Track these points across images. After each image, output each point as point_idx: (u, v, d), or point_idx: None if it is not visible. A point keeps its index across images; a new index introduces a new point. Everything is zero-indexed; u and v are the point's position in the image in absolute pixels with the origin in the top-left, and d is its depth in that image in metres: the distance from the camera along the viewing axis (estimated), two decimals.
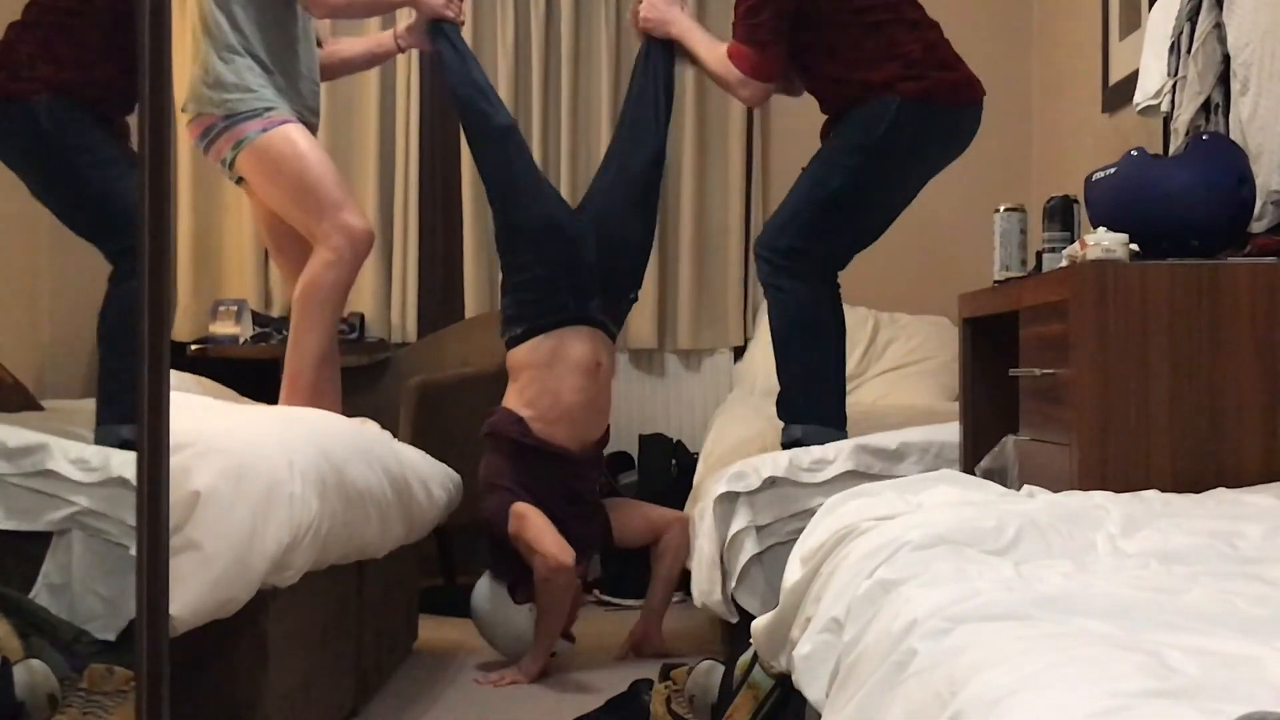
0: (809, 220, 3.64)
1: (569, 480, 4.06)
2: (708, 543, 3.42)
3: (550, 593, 3.83)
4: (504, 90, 5.60)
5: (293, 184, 3.77)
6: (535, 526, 3.84)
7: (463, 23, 4.14)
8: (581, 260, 4.04)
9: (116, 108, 3.45)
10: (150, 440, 1.95)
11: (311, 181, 3.75)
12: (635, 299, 4.29)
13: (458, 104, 4.19)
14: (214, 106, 3.73)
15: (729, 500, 3.39)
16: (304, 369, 3.75)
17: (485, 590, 4.02)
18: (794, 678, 2.04)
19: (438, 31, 4.09)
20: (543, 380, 4.02)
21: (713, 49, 3.91)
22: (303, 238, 3.90)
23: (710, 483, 3.62)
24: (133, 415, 3.05)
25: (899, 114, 3.60)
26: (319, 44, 4.08)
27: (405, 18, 4.16)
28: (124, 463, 2.71)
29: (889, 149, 3.62)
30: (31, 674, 2.54)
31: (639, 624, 4.11)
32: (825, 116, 3.81)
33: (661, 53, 4.10)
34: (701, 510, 3.52)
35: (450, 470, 4.15)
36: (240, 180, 3.86)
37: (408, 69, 5.64)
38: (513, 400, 4.06)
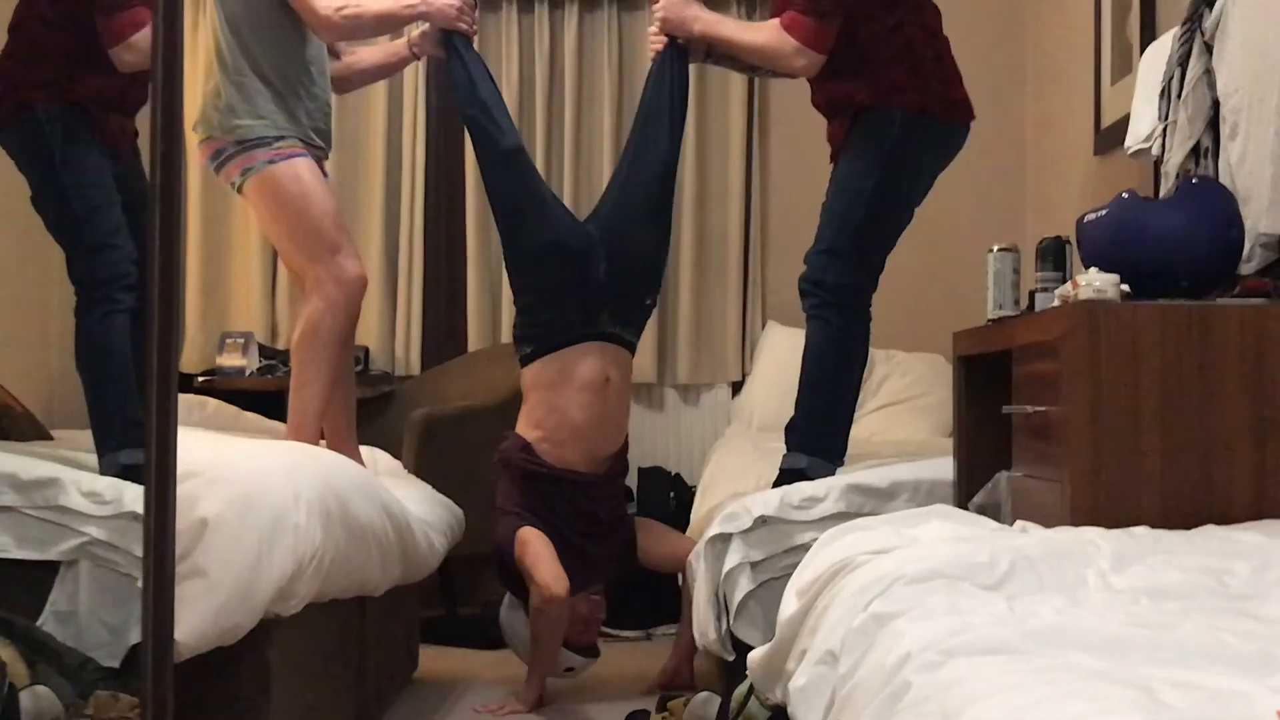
0: (847, 251, 3.61)
1: (579, 501, 4.02)
2: (703, 583, 3.40)
3: (542, 623, 3.81)
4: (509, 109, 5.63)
5: (292, 223, 3.76)
6: (534, 553, 3.82)
7: (475, 33, 4.11)
8: (589, 277, 3.99)
9: (117, 112, 3.45)
10: (158, 470, 1.95)
11: (311, 222, 3.73)
12: (653, 304, 4.24)
13: (466, 124, 4.17)
14: (225, 132, 3.71)
15: (722, 541, 3.37)
16: (306, 421, 3.71)
17: (506, 610, 4.04)
18: (789, 710, 2.04)
19: (449, 43, 4.05)
20: (550, 400, 3.99)
21: (752, 29, 3.85)
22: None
23: (707, 522, 3.62)
24: (128, 440, 3.07)
25: (902, 127, 3.59)
26: (337, 55, 4.07)
27: (417, 25, 4.16)
28: (135, 497, 2.71)
29: (898, 162, 3.60)
30: (37, 700, 2.54)
31: (671, 659, 4.04)
32: (827, 155, 3.80)
33: (676, 60, 4.01)
34: (697, 551, 3.50)
35: (454, 508, 4.14)
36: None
37: (414, 104, 5.66)
38: (523, 423, 4.04)
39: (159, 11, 1.85)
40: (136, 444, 2.94)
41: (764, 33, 3.74)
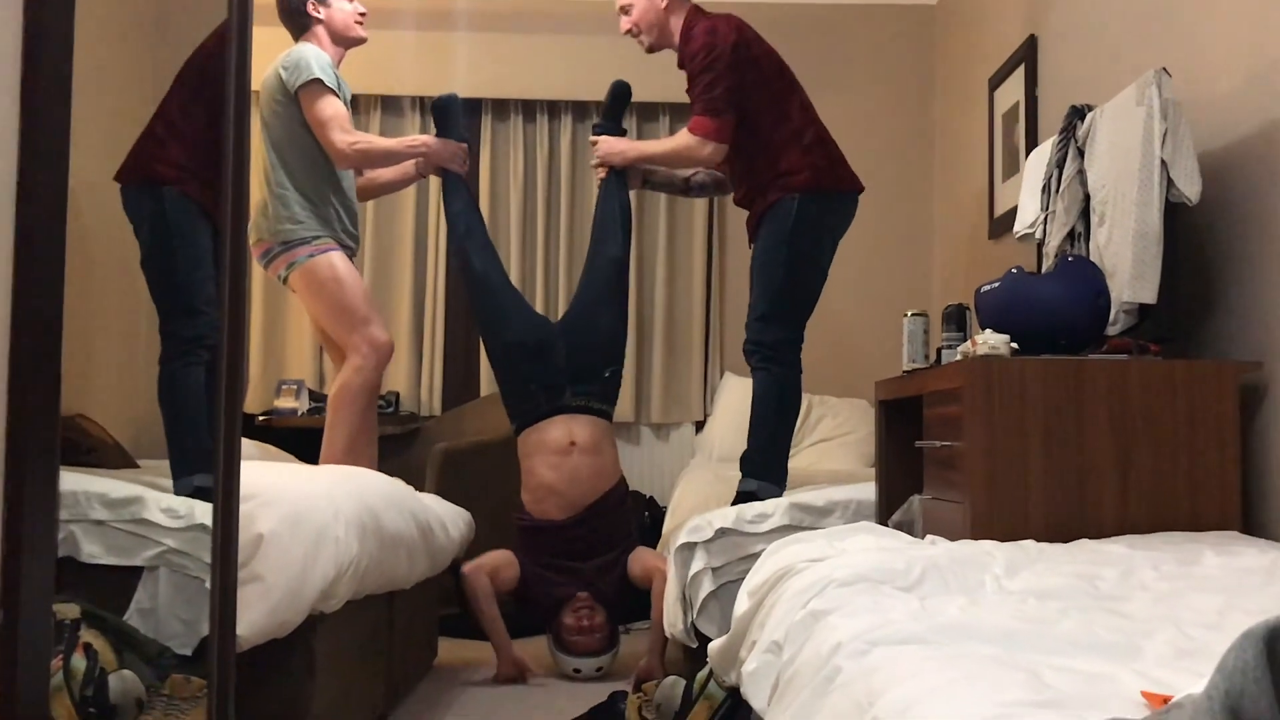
0: (777, 313, 3.64)
1: (558, 541, 4.07)
2: (673, 583, 3.40)
3: (466, 593, 4.02)
4: (513, 209, 5.65)
5: (331, 302, 3.81)
6: (487, 558, 4.06)
7: (464, 172, 4.19)
8: (550, 365, 4.09)
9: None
10: (224, 494, 1.94)
11: (346, 301, 3.80)
12: (613, 374, 4.21)
13: (454, 253, 4.32)
14: (271, 235, 3.80)
15: (688, 549, 3.37)
16: (334, 457, 3.77)
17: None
18: (742, 690, 2.03)
19: (445, 177, 4.18)
20: (530, 466, 4.12)
21: (667, 140, 3.97)
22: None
23: (675, 534, 3.61)
24: (199, 466, 3.06)
25: (799, 207, 3.62)
26: (359, 173, 4.12)
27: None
28: (205, 513, 2.69)
29: (800, 236, 3.62)
30: (124, 682, 2.51)
31: (645, 661, 3.95)
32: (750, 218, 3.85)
33: (616, 182, 4.14)
34: (668, 557, 3.50)
35: (463, 511, 4.13)
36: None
37: (437, 199, 5.67)
38: (522, 488, 4.16)
39: (230, 118, 1.85)
40: (206, 469, 2.93)
41: (676, 139, 3.88)
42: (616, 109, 4.26)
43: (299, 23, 3.96)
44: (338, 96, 3.83)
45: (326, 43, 3.92)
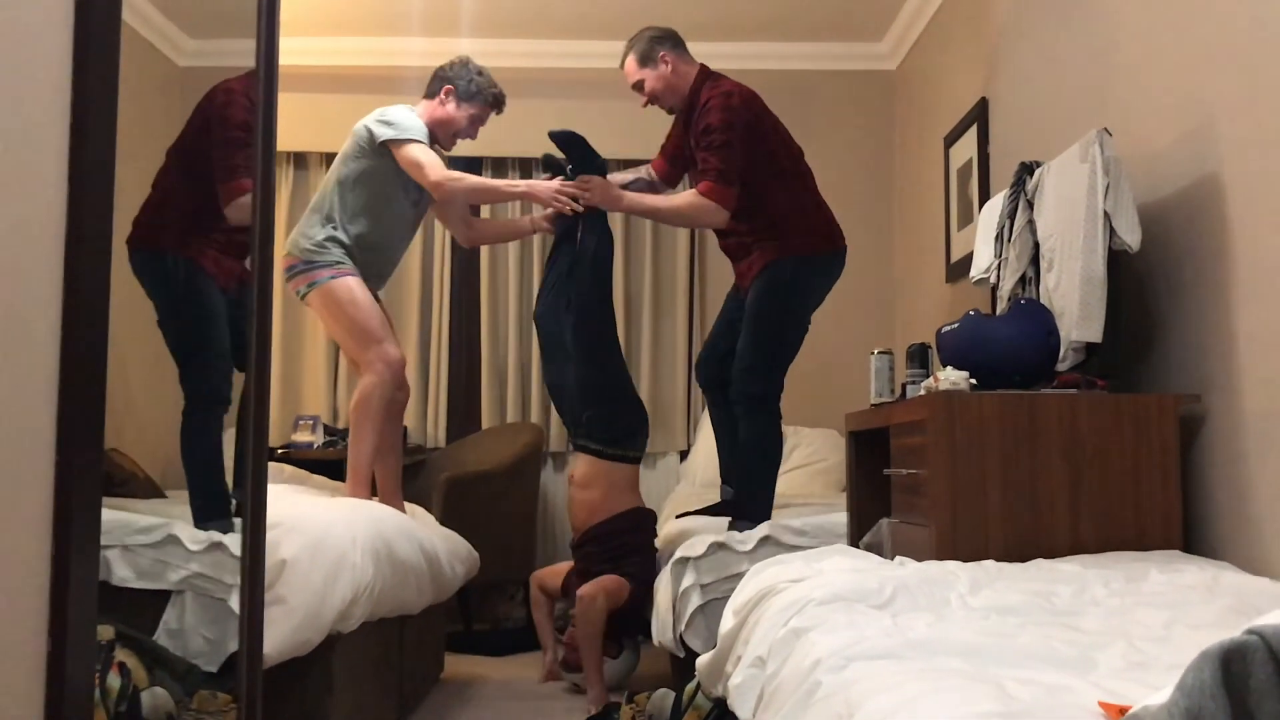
0: (763, 366, 3.60)
1: (574, 564, 4.09)
2: (664, 597, 3.37)
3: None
4: (510, 258, 5.64)
5: (347, 321, 3.76)
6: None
7: (575, 211, 3.85)
8: (562, 407, 4.09)
9: (228, 256, 3.44)
10: (252, 530, 1.94)
11: (361, 320, 3.75)
12: (593, 416, 3.98)
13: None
14: (300, 253, 3.76)
15: (681, 564, 3.35)
16: (361, 464, 3.72)
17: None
18: (729, 702, 2.02)
19: (561, 224, 4.00)
20: None
21: (673, 199, 3.73)
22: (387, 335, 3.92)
23: (667, 550, 3.61)
24: (217, 514, 3.04)
25: (795, 269, 3.60)
26: (475, 213, 4.12)
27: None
28: (228, 538, 2.68)
29: (795, 296, 3.61)
30: (155, 698, 2.49)
31: (553, 651, 4.07)
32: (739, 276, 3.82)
33: (592, 222, 3.92)
34: (660, 574, 3.48)
35: (470, 547, 4.10)
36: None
37: (443, 241, 5.68)
38: None
39: (259, 181, 1.86)
40: (224, 518, 2.92)
41: (685, 199, 3.67)
42: (581, 153, 3.95)
43: (431, 88, 3.95)
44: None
45: (426, 119, 3.89)
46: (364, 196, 3.79)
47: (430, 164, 3.76)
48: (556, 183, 3.89)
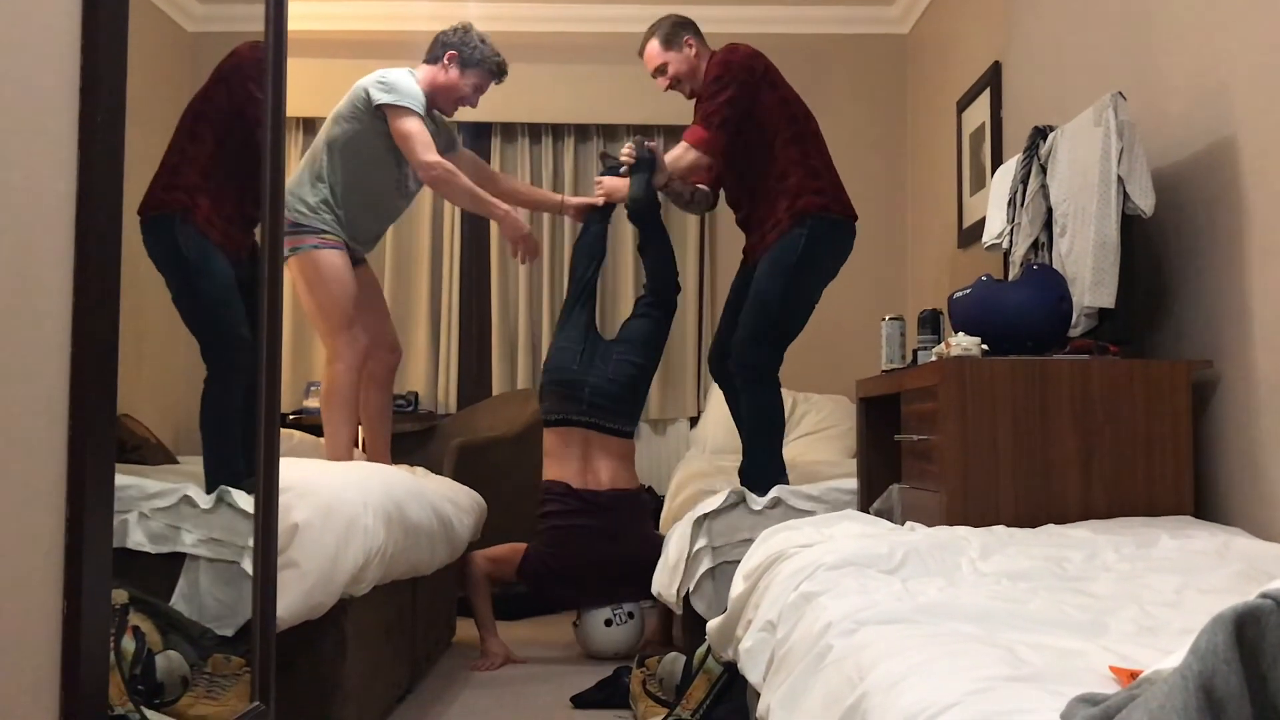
0: (766, 335, 3.56)
1: None
2: (675, 550, 3.36)
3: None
4: None
5: (321, 297, 3.72)
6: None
7: (527, 262, 4.04)
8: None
9: (236, 227, 3.43)
10: (265, 494, 1.94)
11: (333, 301, 3.70)
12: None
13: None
14: (289, 212, 3.69)
15: (699, 524, 3.33)
16: (340, 456, 3.68)
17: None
18: (739, 665, 2.03)
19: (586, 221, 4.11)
20: None
21: (669, 154, 3.74)
22: (371, 300, 3.90)
23: (673, 518, 3.61)
24: (231, 481, 3.05)
25: (808, 240, 3.52)
26: (495, 178, 4.15)
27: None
28: (241, 500, 2.69)
29: (805, 267, 3.54)
30: (169, 661, 2.50)
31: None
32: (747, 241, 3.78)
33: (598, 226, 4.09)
34: (675, 527, 3.46)
35: (476, 495, 4.10)
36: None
37: (452, 211, 5.67)
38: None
39: (269, 148, 1.85)
40: (236, 484, 2.93)
41: (675, 150, 3.70)
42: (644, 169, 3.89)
43: (432, 53, 3.91)
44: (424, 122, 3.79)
45: (426, 84, 3.86)
46: (356, 158, 3.76)
47: (422, 141, 3.73)
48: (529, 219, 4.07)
